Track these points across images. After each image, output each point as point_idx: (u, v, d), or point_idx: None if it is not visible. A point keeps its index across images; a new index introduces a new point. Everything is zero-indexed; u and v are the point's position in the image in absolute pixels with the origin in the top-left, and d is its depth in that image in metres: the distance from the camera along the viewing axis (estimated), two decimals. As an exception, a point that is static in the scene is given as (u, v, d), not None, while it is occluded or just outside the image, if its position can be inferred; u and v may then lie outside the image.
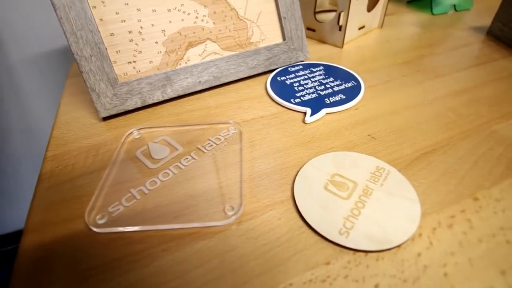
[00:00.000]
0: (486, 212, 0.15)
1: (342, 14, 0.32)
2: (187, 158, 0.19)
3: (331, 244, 0.14)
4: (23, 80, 0.49)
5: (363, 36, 0.38)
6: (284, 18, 0.29)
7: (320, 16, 0.41)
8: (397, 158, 0.19)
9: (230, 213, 0.16)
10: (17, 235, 0.63)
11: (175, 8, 0.25)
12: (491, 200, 0.16)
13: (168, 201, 0.17)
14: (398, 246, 0.14)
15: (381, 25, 0.39)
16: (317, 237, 0.14)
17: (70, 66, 0.37)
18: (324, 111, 0.23)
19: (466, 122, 0.22)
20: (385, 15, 0.39)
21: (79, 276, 0.13)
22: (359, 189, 0.17)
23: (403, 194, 0.16)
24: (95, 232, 0.15)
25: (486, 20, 0.41)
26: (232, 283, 0.13)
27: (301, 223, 0.15)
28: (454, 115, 0.23)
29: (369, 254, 0.14)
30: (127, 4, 0.23)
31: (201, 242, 0.14)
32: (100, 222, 0.15)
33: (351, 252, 0.14)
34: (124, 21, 0.23)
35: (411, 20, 0.42)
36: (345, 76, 0.28)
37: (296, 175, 0.18)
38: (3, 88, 0.48)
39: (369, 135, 0.21)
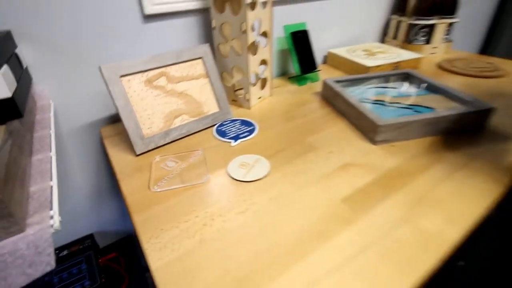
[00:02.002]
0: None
1: (247, 93, 0.65)
2: (181, 165, 0.48)
3: (240, 182, 0.44)
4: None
5: (261, 102, 0.71)
6: (218, 99, 0.61)
7: (237, 93, 0.74)
8: (267, 153, 0.50)
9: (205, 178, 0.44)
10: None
11: (167, 102, 0.55)
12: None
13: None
14: (258, 179, 0.44)
15: (271, 94, 0.74)
16: (234, 181, 0.44)
17: (99, 132, 0.63)
18: (239, 140, 0.54)
19: (294, 141, 0.54)
20: (271, 88, 0.73)
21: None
22: (251, 165, 0.47)
23: (265, 164, 0.47)
24: (155, 191, 0.42)
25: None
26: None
27: (230, 180, 0.44)
28: (299, 136, 0.55)
29: (251, 182, 0.43)
30: (143, 99, 0.52)
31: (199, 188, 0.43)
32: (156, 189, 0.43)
33: (246, 183, 0.43)
34: (146, 110, 0.52)
35: (287, 89, 0.78)
36: (250, 124, 0.60)
37: (228, 164, 0.47)
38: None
39: (258, 152, 0.52)
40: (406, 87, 0.69)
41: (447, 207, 0.38)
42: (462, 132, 0.54)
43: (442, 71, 0.85)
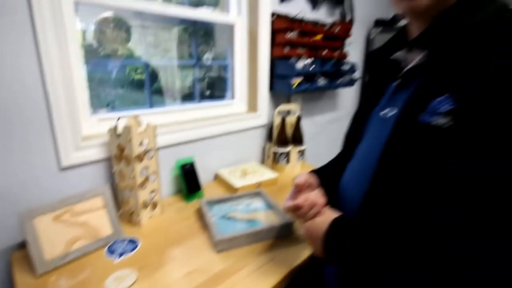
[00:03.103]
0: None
1: (138, 216, 0.89)
2: (70, 282, 0.67)
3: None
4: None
5: (152, 220, 0.94)
6: (112, 223, 0.83)
7: (132, 215, 0.97)
8: (140, 266, 0.72)
9: None
10: None
11: (69, 232, 0.75)
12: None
13: None
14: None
15: (161, 213, 0.98)
16: None
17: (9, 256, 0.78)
18: (122, 257, 0.75)
19: (163, 253, 0.78)
20: (162, 207, 0.98)
21: None
22: (125, 276, 0.68)
23: (133, 276, 0.68)
24: None
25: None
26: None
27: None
28: (168, 248, 0.79)
29: None
30: (49, 232, 0.72)
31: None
32: None
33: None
34: (51, 239, 0.72)
35: (178, 206, 1.03)
36: (134, 241, 0.82)
37: (108, 278, 0.68)
38: None
39: (136, 265, 0.74)
40: (256, 204, 1.00)
41: (240, 295, 0.63)
42: (277, 237, 0.84)
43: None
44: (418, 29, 0.51)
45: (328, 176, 0.69)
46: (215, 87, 1.45)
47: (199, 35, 1.38)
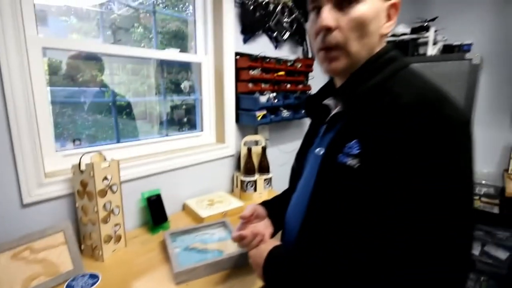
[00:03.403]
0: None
1: (100, 250, 0.91)
2: None
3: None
4: None
5: (115, 253, 0.96)
6: (73, 259, 0.84)
7: (95, 250, 0.99)
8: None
9: None
10: None
11: (27, 269, 0.76)
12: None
13: None
14: None
15: (126, 246, 1.00)
16: None
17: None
18: (82, 292, 0.76)
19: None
20: (126, 240, 1.00)
21: None
22: None
23: None
24: None
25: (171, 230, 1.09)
26: None
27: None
28: (128, 283, 0.80)
29: None
30: (7, 271, 0.73)
31: None
32: None
33: None
34: (8, 279, 0.72)
35: (143, 238, 1.05)
36: (95, 276, 0.83)
37: None
38: None
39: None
40: (219, 234, 1.04)
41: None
42: (235, 267, 0.87)
43: (258, 214, 1.26)
44: (340, 82, 0.60)
45: (275, 207, 0.76)
46: (191, 113, 1.51)
47: (174, 69, 1.45)
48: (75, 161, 0.90)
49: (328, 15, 0.51)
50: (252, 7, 1.34)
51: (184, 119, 1.51)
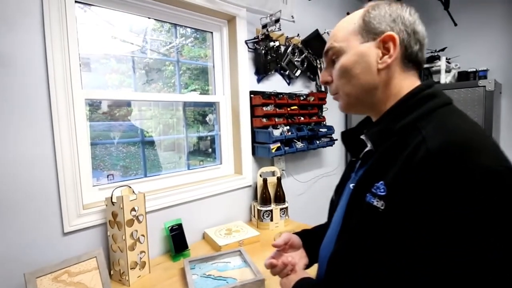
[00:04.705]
0: None
1: (127, 276, 1.00)
2: None
3: None
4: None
5: (141, 279, 1.05)
6: (103, 283, 0.94)
7: (122, 275, 1.09)
8: None
9: None
10: None
11: (65, 290, 0.87)
12: None
13: None
14: None
15: (150, 272, 1.09)
16: None
17: None
18: (109, 314, 0.85)
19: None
20: (150, 267, 1.09)
21: None
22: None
23: None
24: None
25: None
26: None
27: None
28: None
29: None
30: (50, 293, 0.85)
31: None
32: None
33: None
34: (48, 298, 0.84)
35: (166, 265, 1.14)
36: (123, 299, 0.92)
37: None
38: None
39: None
40: (235, 262, 1.10)
41: None
42: (248, 294, 0.93)
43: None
44: (374, 119, 0.60)
45: (311, 238, 0.77)
46: (214, 143, 1.63)
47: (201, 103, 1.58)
48: (108, 194, 1.04)
49: (325, 73, 0.62)
50: (264, 51, 1.48)
51: (209, 149, 1.64)
